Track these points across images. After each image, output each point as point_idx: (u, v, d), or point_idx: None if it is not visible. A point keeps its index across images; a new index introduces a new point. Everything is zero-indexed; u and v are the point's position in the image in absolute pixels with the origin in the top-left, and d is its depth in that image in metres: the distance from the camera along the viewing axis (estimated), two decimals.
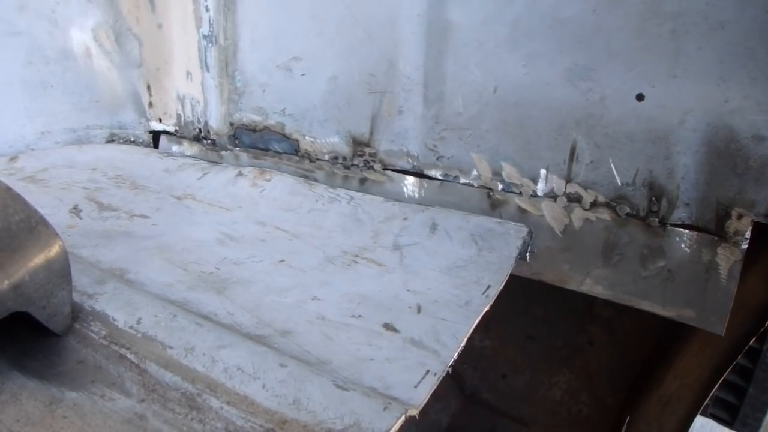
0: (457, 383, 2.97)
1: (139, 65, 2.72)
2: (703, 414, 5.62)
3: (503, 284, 1.63)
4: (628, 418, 2.63)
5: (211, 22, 2.41)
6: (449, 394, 2.97)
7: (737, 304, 2.23)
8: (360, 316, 1.45)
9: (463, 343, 1.38)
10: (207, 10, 2.40)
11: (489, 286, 1.58)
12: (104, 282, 1.44)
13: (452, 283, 1.60)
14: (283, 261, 1.70)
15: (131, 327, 1.31)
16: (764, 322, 2.16)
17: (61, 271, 1.24)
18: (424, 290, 1.57)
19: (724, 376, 2.39)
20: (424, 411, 1.13)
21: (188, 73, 2.57)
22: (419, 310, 1.48)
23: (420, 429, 2.94)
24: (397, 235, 1.84)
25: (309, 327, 1.40)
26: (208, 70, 2.49)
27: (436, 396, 2.66)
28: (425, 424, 2.96)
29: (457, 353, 1.34)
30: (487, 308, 1.51)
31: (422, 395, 1.17)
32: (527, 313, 2.79)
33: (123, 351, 1.26)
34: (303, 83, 2.23)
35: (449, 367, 1.29)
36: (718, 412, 5.62)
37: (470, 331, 1.42)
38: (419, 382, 1.21)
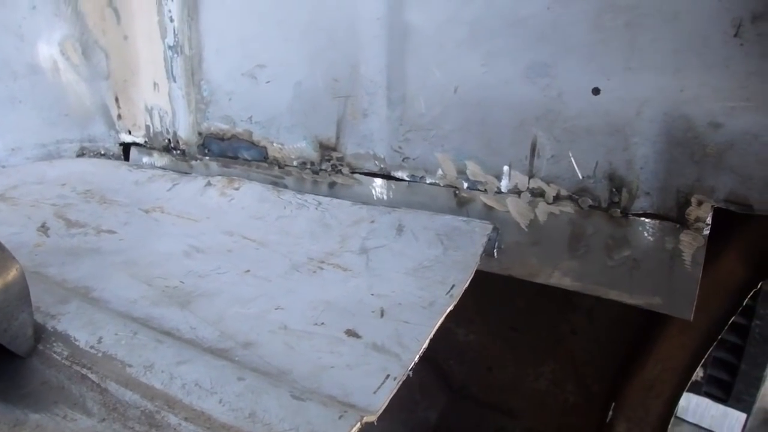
0: (444, 379, 2.99)
1: (106, 77, 2.72)
2: (698, 393, 5.66)
3: (468, 282, 1.64)
4: (613, 404, 2.65)
5: (176, 32, 2.42)
6: (437, 390, 2.99)
7: (716, 285, 2.25)
8: (323, 323, 1.46)
9: (425, 345, 1.40)
10: (171, 20, 2.41)
11: (453, 285, 1.59)
12: (67, 301, 1.45)
13: (417, 284, 1.61)
14: (248, 271, 1.71)
15: (92, 347, 1.32)
16: (743, 301, 2.19)
17: (19, 294, 1.25)
18: (388, 293, 1.58)
19: (709, 355, 2.41)
20: (412, 409, 1.15)
21: (155, 84, 2.58)
22: (382, 313, 1.49)
23: (408, 427, 2.95)
24: (365, 238, 1.85)
25: (271, 337, 1.41)
26: (174, 81, 2.50)
27: (423, 393, 2.68)
28: (414, 421, 2.97)
29: (418, 356, 1.35)
30: (451, 308, 1.52)
31: (381, 400, 1.19)
32: (510, 306, 2.80)
33: (84, 371, 1.27)
34: (269, 90, 2.24)
35: (410, 370, 1.31)
36: (712, 390, 5.66)
37: (433, 332, 1.43)
38: (379, 388, 1.22)
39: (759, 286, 2.24)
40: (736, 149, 1.60)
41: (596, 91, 1.70)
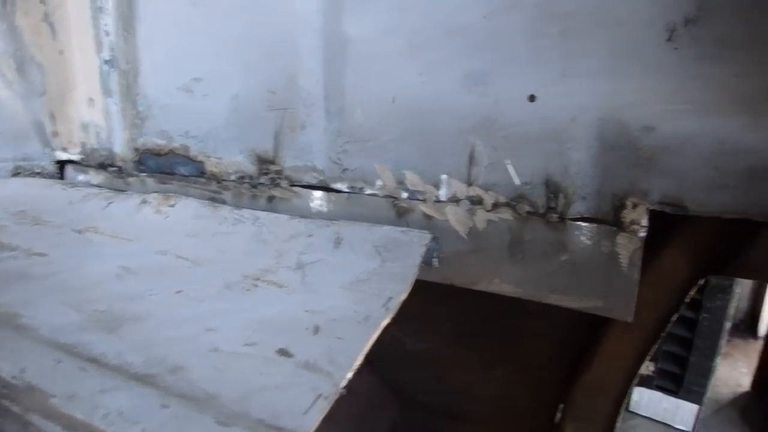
0: (395, 389, 2.97)
1: (42, 94, 2.65)
2: (649, 387, 5.74)
3: (406, 294, 1.62)
4: (561, 405, 2.66)
5: (112, 46, 2.37)
6: (387, 401, 2.97)
7: (659, 283, 2.27)
8: (255, 343, 1.43)
9: (359, 361, 1.38)
10: (107, 34, 2.36)
11: (390, 298, 1.58)
12: None
13: (353, 298, 1.59)
14: (180, 292, 1.68)
15: (14, 377, 1.28)
16: (686, 298, 2.20)
17: None
18: (323, 309, 1.55)
19: (659, 349, 2.43)
20: (363, 422, 1.13)
21: (91, 100, 2.53)
22: (316, 330, 1.47)
23: None
24: (301, 253, 1.83)
25: (201, 361, 1.38)
26: (110, 96, 2.45)
27: (373, 405, 2.66)
28: None
29: (351, 373, 1.33)
30: (387, 321, 1.51)
31: (312, 421, 1.16)
32: (458, 312, 2.79)
33: (7, 403, 1.23)
34: (205, 104, 2.20)
35: (343, 388, 1.28)
36: (664, 384, 5.76)
37: (367, 348, 1.42)
38: (309, 408, 1.20)
39: (702, 283, 2.26)
40: (669, 152, 1.61)
41: (532, 98, 1.70)
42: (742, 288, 6.95)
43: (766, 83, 1.51)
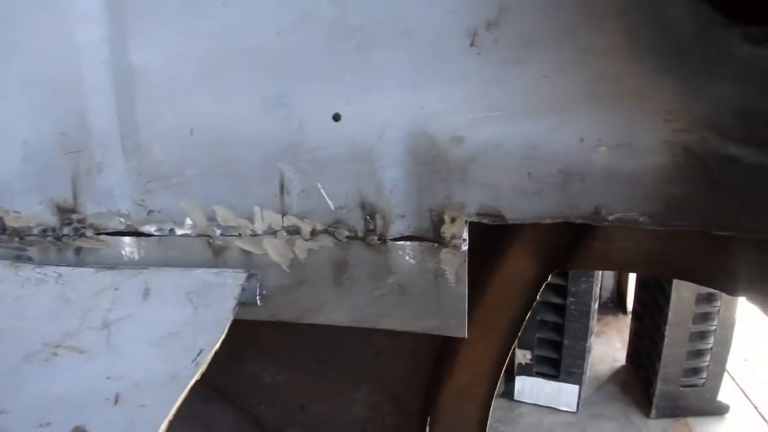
0: (258, 425, 2.85)
1: None
2: (529, 374, 5.87)
3: (219, 342, 1.52)
4: (429, 417, 2.62)
5: None
6: None
7: (507, 284, 2.25)
8: (48, 423, 1.29)
9: (162, 429, 1.26)
10: None
11: (201, 351, 1.47)
12: None
13: (161, 356, 1.48)
14: None
15: None
16: (537, 295, 2.20)
17: None
18: (127, 373, 1.42)
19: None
20: None
21: None
22: (117, 400, 1.34)
23: None
24: (108, 309, 1.68)
25: None
26: None
27: None
28: None
29: None
30: (196, 377, 1.40)
31: None
32: (311, 338, 2.71)
33: None
34: None
35: None
36: (543, 369, 5.91)
37: (172, 412, 1.29)
38: None
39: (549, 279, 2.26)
40: (479, 161, 1.58)
41: (337, 117, 1.63)
42: None
43: (572, 82, 1.49)
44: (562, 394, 6.07)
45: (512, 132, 1.54)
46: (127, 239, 1.90)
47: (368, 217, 1.68)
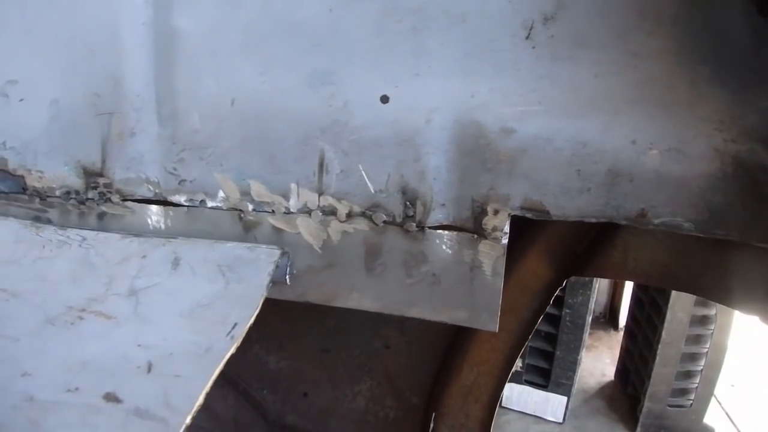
0: (260, 410, 2.81)
1: None
2: (519, 382, 5.83)
3: (253, 318, 1.49)
4: (434, 414, 2.60)
5: None
6: (252, 424, 2.81)
7: (521, 287, 2.22)
8: (77, 389, 1.25)
9: (200, 402, 1.21)
10: None
11: (236, 324, 1.43)
12: None
13: (193, 327, 1.43)
14: None
15: None
16: (550, 300, 2.17)
17: None
18: (158, 342, 1.38)
19: (525, 347, 2.40)
20: None
21: None
22: (150, 368, 1.29)
23: None
24: (135, 277, 1.63)
25: (13, 414, 1.18)
26: None
27: (238, 428, 2.46)
28: None
29: (190, 416, 1.17)
30: (232, 351, 1.36)
31: None
32: (319, 327, 2.67)
33: None
34: (22, 110, 1.93)
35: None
36: (533, 378, 5.87)
37: (209, 385, 1.25)
38: None
39: (564, 284, 2.23)
40: (529, 155, 1.55)
41: (384, 99, 1.60)
42: (601, 282, 7.19)
43: (624, 84, 1.46)
44: (550, 405, 6.04)
45: (563, 128, 1.51)
46: (154, 207, 1.86)
47: (408, 203, 1.65)
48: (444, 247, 1.67)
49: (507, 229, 1.61)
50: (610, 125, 1.49)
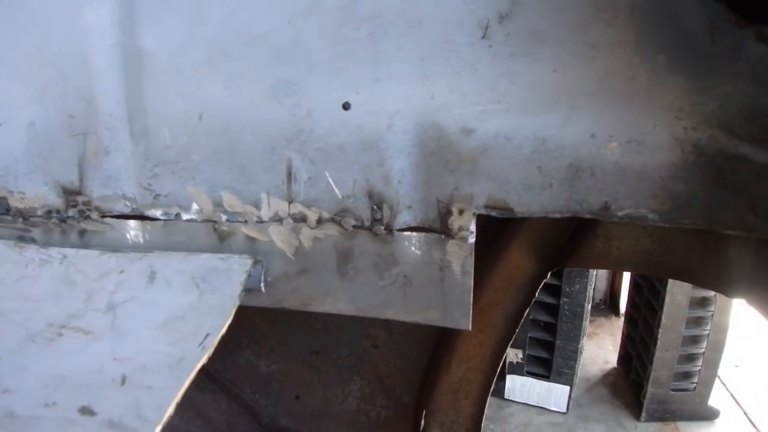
0: (253, 414, 2.85)
1: None
2: (521, 374, 5.86)
3: (226, 327, 1.53)
4: (424, 411, 2.63)
5: None
6: (246, 428, 2.85)
7: (505, 281, 2.26)
8: (54, 403, 1.29)
9: (169, 412, 1.26)
10: None
11: (208, 335, 1.47)
12: None
13: (167, 339, 1.47)
14: None
15: None
16: (536, 293, 2.20)
17: None
18: (133, 355, 1.43)
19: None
20: None
21: None
22: (123, 381, 1.34)
23: None
24: (113, 292, 1.68)
25: None
26: None
27: None
28: None
29: (160, 426, 1.21)
30: (203, 361, 1.40)
31: None
32: (308, 329, 2.71)
33: None
34: (1, 134, 1.98)
35: None
36: (534, 369, 5.91)
37: (179, 395, 1.29)
38: None
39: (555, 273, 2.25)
40: (489, 154, 1.58)
41: (346, 106, 1.63)
42: (599, 269, 7.22)
43: (583, 77, 1.49)
44: (553, 395, 6.07)
45: (523, 125, 1.54)
46: (132, 222, 1.90)
47: (375, 207, 1.68)
48: (413, 248, 1.71)
49: (473, 228, 1.65)
50: (569, 120, 1.51)
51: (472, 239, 1.66)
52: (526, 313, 2.36)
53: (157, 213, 1.86)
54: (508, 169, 1.58)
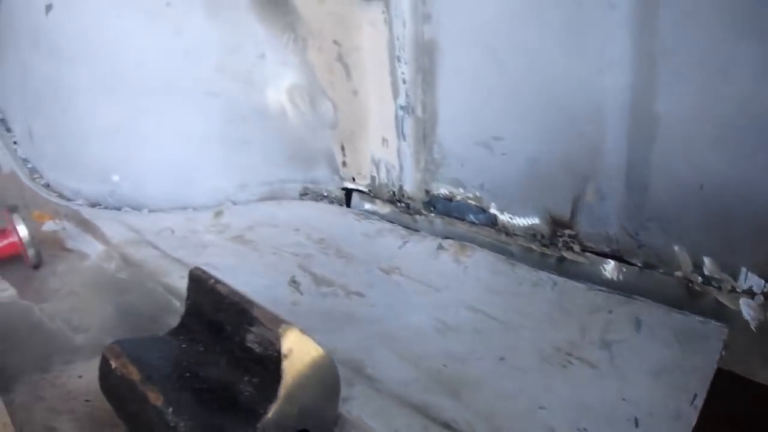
0: None
1: (333, 127, 2.89)
2: None
3: (706, 391, 1.63)
4: None
5: (408, 94, 2.52)
6: None
7: None
8: (585, 430, 1.51)
9: None
10: (404, 82, 2.51)
11: (696, 395, 1.60)
12: (352, 384, 1.57)
13: (661, 390, 1.63)
14: (503, 359, 1.77)
15: None
16: None
17: (333, 386, 1.39)
18: (638, 399, 1.60)
19: None
20: None
21: (384, 140, 2.71)
22: (637, 423, 1.53)
23: None
24: (604, 330, 1.88)
25: None
26: (404, 139, 2.62)
27: None
28: None
29: None
30: (693, 421, 1.53)
31: None
32: None
33: None
34: (502, 161, 2.32)
35: None
36: None
37: None
38: None
39: None
40: None
41: None
42: None
43: None
44: None
45: None
46: (610, 262, 2.15)
47: None
48: None
49: None
50: None
51: None
52: None
53: (637, 261, 2.09)
54: None
